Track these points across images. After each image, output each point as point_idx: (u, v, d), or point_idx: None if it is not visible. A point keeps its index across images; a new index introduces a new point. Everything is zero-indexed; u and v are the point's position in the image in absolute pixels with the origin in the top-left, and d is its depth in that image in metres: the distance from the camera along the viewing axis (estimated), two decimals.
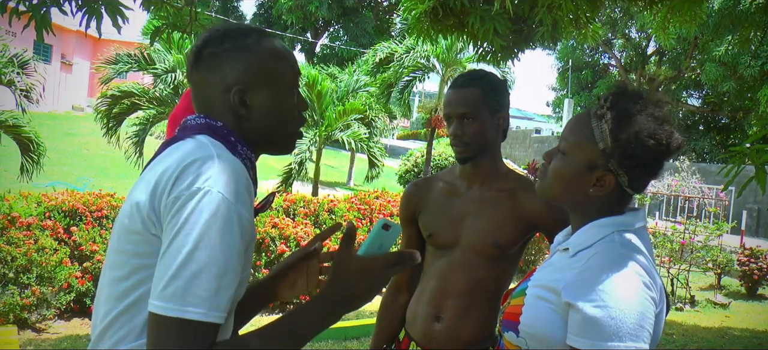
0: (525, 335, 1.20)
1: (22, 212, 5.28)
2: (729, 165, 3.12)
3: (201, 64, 1.10)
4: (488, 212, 1.74)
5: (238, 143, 1.08)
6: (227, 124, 1.09)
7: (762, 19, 5.65)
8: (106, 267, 1.06)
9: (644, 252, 1.16)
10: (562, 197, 1.26)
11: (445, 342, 1.76)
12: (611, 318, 1.06)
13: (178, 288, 0.90)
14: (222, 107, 1.09)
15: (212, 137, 1.06)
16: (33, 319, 4.92)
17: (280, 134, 1.15)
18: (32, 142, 8.19)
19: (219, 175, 0.96)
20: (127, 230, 1.00)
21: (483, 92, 1.72)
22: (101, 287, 1.06)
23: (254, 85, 1.09)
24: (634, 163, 1.16)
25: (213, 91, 1.09)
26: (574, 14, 3.66)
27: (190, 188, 0.95)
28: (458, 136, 1.72)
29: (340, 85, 14.08)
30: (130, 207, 1.01)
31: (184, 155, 1.00)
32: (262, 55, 1.10)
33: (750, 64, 13.59)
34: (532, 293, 1.22)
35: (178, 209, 0.94)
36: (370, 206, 7.47)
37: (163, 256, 0.93)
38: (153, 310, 0.91)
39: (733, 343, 6.01)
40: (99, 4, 3.24)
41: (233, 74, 1.08)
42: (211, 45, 1.10)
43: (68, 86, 24.75)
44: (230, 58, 1.09)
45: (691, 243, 7.90)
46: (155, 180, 0.98)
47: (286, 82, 1.13)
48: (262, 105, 1.10)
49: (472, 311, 1.75)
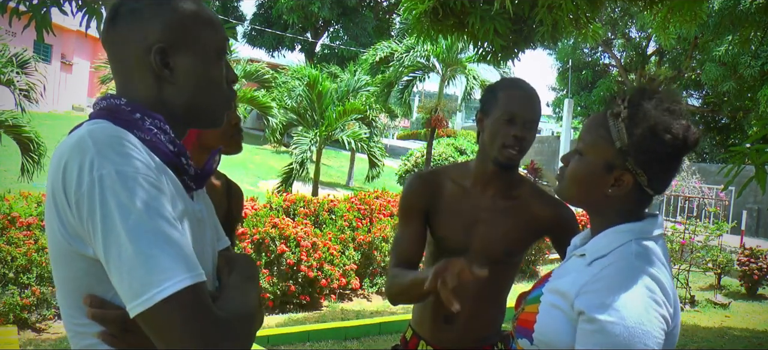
0: (539, 343, 1.19)
1: (22, 212, 5.28)
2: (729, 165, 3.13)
3: (119, 21, 1.00)
4: (501, 220, 1.73)
5: (148, 117, 0.98)
6: (147, 91, 1.00)
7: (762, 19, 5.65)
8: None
9: (660, 264, 1.15)
10: (580, 199, 1.24)
11: (454, 342, 1.79)
12: (616, 335, 1.05)
13: (141, 278, 0.84)
14: (142, 70, 1.00)
15: (112, 121, 0.97)
16: (33, 319, 4.92)
17: (207, 103, 1.05)
18: (32, 142, 8.18)
19: (98, 153, 0.88)
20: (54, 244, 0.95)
21: (541, 105, 1.71)
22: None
23: (178, 45, 0.99)
24: (651, 158, 1.14)
25: (132, 51, 0.99)
26: (574, 14, 3.67)
27: (81, 186, 0.87)
28: (520, 140, 1.65)
29: (340, 85, 14.07)
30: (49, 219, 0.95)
31: (59, 158, 0.92)
32: (187, 14, 1.01)
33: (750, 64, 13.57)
34: (546, 300, 1.21)
35: (87, 211, 0.87)
36: (370, 206, 7.47)
37: (107, 263, 0.86)
38: (135, 313, 0.85)
39: (733, 343, 6.01)
40: (99, 4, 3.24)
41: (155, 32, 0.98)
42: (130, 1, 1.00)
43: (68, 86, 24.73)
44: (152, 14, 0.99)
45: (691, 243, 7.90)
46: (50, 192, 0.92)
47: (213, 47, 1.04)
48: (187, 68, 1.00)
49: (480, 312, 1.78)
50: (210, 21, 1.04)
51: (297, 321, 5.67)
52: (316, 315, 5.99)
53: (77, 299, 0.96)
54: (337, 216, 7.04)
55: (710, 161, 19.87)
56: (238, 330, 0.93)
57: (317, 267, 6.11)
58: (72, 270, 0.94)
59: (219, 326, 0.88)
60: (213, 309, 0.89)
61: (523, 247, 1.78)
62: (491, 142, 1.68)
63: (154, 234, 0.86)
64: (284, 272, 5.99)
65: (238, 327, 0.94)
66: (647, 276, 1.10)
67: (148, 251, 0.84)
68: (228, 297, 1.01)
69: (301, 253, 6.02)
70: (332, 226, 6.81)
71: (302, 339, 5.05)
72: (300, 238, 6.10)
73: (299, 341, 5.02)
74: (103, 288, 0.93)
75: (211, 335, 0.86)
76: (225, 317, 0.91)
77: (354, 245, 6.70)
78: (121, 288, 0.86)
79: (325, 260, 6.20)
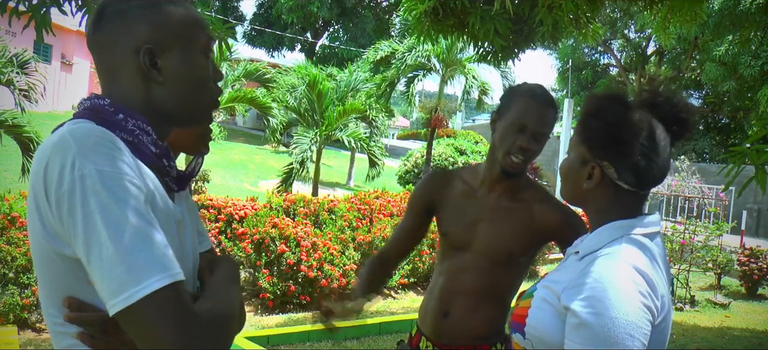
0: (531, 337, 1.21)
1: (22, 212, 5.28)
2: (729, 165, 3.13)
3: (105, 23, 1.00)
4: (503, 221, 1.75)
5: (130, 117, 0.98)
6: (135, 91, 1.00)
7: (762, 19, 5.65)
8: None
9: (651, 259, 1.16)
10: (570, 194, 1.31)
11: (453, 337, 1.81)
12: (601, 326, 1.07)
13: (120, 276, 0.84)
14: (129, 71, 1.00)
15: (95, 122, 0.96)
16: (33, 319, 4.93)
17: (195, 102, 1.05)
18: (33, 142, 8.16)
19: (79, 153, 0.88)
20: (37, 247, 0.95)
21: (556, 117, 1.71)
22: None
23: (166, 45, 1.00)
24: (609, 149, 1.20)
25: (119, 54, 0.99)
26: (574, 14, 3.67)
27: (62, 185, 0.87)
28: (525, 151, 1.67)
29: (340, 84, 14.06)
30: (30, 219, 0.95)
31: (41, 157, 0.92)
32: (173, 15, 1.02)
33: (750, 64, 13.58)
34: (539, 295, 1.24)
35: (67, 211, 0.87)
36: (370, 206, 7.47)
37: (88, 263, 0.86)
38: (115, 311, 0.84)
39: (733, 343, 6.01)
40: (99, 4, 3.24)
41: (142, 32, 0.99)
42: (116, 2, 1.01)
43: (68, 86, 24.74)
44: (139, 15, 0.99)
45: (691, 243, 7.90)
46: (32, 192, 0.92)
47: (199, 46, 1.05)
48: (175, 68, 1.01)
49: (480, 309, 1.79)
50: (196, 21, 1.05)
51: (297, 321, 5.67)
52: (316, 315, 5.98)
53: (57, 299, 0.96)
54: (337, 216, 7.04)
55: (710, 161, 19.87)
56: (218, 330, 0.93)
57: (317, 267, 6.11)
58: (52, 270, 0.95)
59: (199, 325, 0.88)
60: (193, 308, 0.89)
61: (527, 250, 1.78)
62: (499, 145, 1.70)
63: (134, 234, 0.85)
64: (284, 272, 5.99)
65: (218, 327, 0.94)
66: (632, 268, 1.12)
67: (129, 250, 0.84)
68: (209, 297, 1.01)
69: (301, 253, 6.02)
70: (332, 226, 6.81)
71: (302, 339, 5.05)
72: (300, 238, 6.10)
73: (299, 341, 5.03)
74: (82, 289, 0.93)
75: (190, 333, 0.86)
76: (206, 316, 0.91)
77: (354, 245, 6.70)
78: (102, 286, 0.86)
79: (325, 260, 6.20)
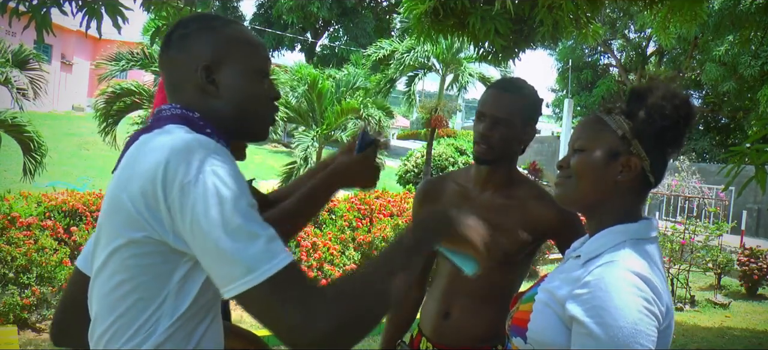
0: (532, 342, 1.20)
1: (22, 212, 5.28)
2: (729, 165, 3.13)
3: (171, 46, 1.12)
4: (497, 219, 1.70)
5: (214, 134, 1.07)
6: (197, 106, 1.09)
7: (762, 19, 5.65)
8: (97, 270, 1.04)
9: (653, 265, 1.15)
10: (589, 194, 1.24)
11: (454, 339, 1.80)
12: (609, 336, 1.06)
13: (252, 256, 0.91)
14: (191, 88, 1.10)
15: (189, 128, 1.05)
16: (33, 319, 4.92)
17: (251, 116, 1.14)
18: (33, 142, 8.17)
19: (207, 155, 0.96)
20: (119, 235, 0.99)
21: (521, 103, 1.70)
22: (96, 290, 1.05)
23: (220, 62, 1.10)
24: (655, 131, 1.19)
25: (181, 72, 1.10)
26: (574, 14, 3.67)
27: (190, 178, 0.93)
28: (486, 137, 1.68)
29: (339, 83, 14.06)
30: (116, 210, 1.00)
31: (156, 159, 0.96)
32: (228, 35, 1.12)
33: (750, 64, 13.59)
34: (540, 299, 1.22)
35: (191, 203, 0.93)
36: (370, 206, 7.46)
37: (207, 252, 0.93)
38: (240, 291, 0.90)
39: (733, 343, 6.01)
40: (99, 5, 3.24)
41: (200, 52, 1.09)
42: (180, 27, 1.12)
43: (68, 86, 24.75)
44: (198, 37, 1.10)
45: (691, 243, 7.90)
46: (141, 183, 0.96)
47: (254, 64, 1.13)
48: (230, 84, 1.10)
49: (480, 311, 1.78)
50: (250, 41, 1.15)
51: None
52: None
53: (128, 308, 0.99)
54: (337, 216, 7.03)
55: (710, 161, 19.86)
56: (341, 307, 0.95)
57: (317, 267, 6.10)
58: (136, 269, 0.99)
59: (323, 300, 0.93)
60: (314, 284, 0.95)
61: (523, 248, 1.75)
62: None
63: (255, 221, 0.94)
64: None
65: (345, 304, 0.95)
66: (636, 275, 1.11)
67: (253, 233, 0.92)
68: (343, 278, 1.04)
69: (301, 253, 6.02)
70: (332, 226, 6.81)
71: None
72: (300, 238, 6.10)
73: None
74: (159, 286, 0.99)
75: (313, 308, 0.91)
76: (331, 292, 0.95)
77: (354, 245, 6.70)
78: (223, 271, 0.92)
79: (325, 260, 6.20)
